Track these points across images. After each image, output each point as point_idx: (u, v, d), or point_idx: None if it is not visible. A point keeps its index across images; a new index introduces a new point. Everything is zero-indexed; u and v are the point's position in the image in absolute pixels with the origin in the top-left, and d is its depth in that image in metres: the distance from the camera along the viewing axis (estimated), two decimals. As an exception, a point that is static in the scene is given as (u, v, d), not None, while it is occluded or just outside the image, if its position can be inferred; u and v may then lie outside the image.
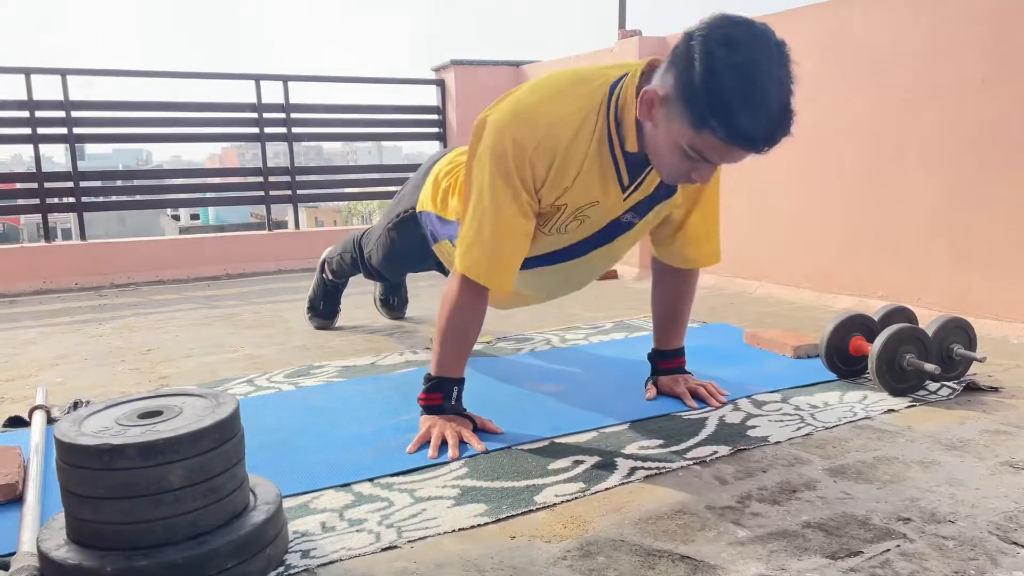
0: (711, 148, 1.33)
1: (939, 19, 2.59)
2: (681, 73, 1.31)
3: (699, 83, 1.28)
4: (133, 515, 1.04)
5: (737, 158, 1.36)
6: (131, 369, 2.33)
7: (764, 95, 1.26)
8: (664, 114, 1.37)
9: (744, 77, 1.26)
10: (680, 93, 1.32)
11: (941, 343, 1.91)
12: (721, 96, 1.26)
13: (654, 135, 1.42)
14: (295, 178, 4.57)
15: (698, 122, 1.30)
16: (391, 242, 2.25)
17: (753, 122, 1.26)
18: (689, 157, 1.37)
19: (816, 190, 3.08)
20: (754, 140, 1.29)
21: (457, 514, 1.30)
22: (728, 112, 1.26)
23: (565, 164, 1.50)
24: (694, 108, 1.29)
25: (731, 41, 1.27)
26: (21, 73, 3.89)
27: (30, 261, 3.93)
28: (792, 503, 1.32)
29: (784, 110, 1.29)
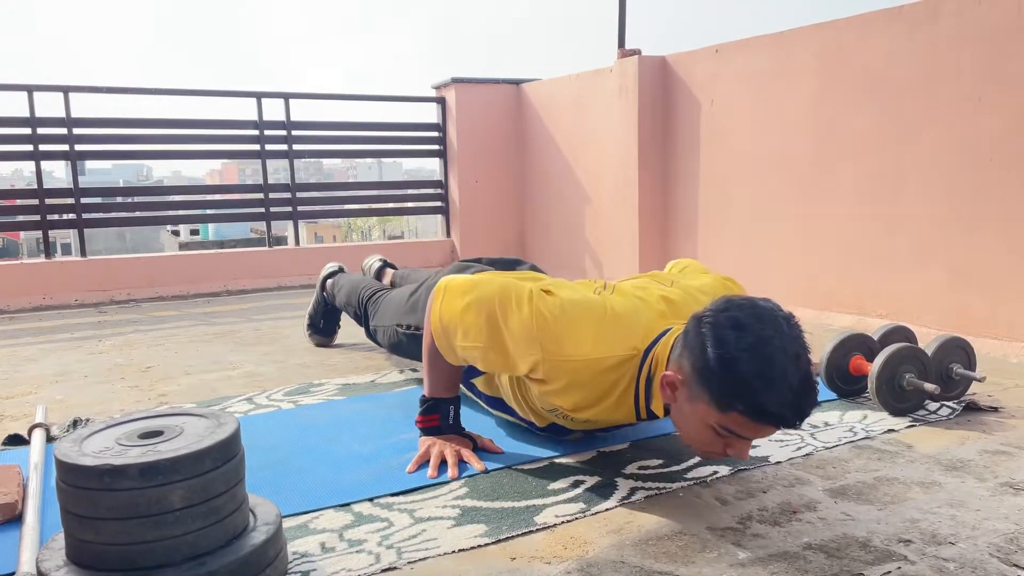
0: (741, 426, 1.28)
1: (935, 39, 2.61)
2: (697, 360, 1.29)
3: (716, 370, 1.25)
4: (134, 536, 1.03)
5: (770, 432, 1.31)
6: (131, 387, 2.33)
7: (783, 373, 1.23)
8: (687, 396, 1.33)
9: (759, 359, 1.23)
10: (699, 378, 1.29)
11: (941, 363, 1.91)
12: (740, 381, 1.24)
13: (680, 418, 1.37)
14: (296, 195, 4.59)
15: (723, 406, 1.27)
16: (399, 343, 2.18)
17: (778, 401, 1.23)
18: (720, 435, 1.32)
19: (815, 209, 3.09)
20: (783, 418, 1.25)
21: (457, 535, 1.30)
22: (751, 395, 1.23)
23: (584, 401, 1.49)
24: (716, 393, 1.27)
25: (739, 324, 1.26)
26: (24, 90, 3.91)
27: (30, 277, 3.93)
28: (793, 524, 1.32)
29: (806, 382, 1.26)
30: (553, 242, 4.68)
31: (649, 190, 3.81)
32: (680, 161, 3.72)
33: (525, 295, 1.47)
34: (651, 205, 3.82)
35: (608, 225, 4.10)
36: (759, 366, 1.23)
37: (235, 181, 10.64)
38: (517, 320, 1.45)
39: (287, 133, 4.50)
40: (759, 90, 3.28)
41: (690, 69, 3.63)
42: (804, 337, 1.30)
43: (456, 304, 1.52)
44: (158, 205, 4.63)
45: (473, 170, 4.90)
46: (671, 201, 3.81)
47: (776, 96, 3.21)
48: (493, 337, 1.47)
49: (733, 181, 3.46)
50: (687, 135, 3.67)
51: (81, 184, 4.08)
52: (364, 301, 2.41)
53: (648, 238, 3.84)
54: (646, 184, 3.80)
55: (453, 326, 1.52)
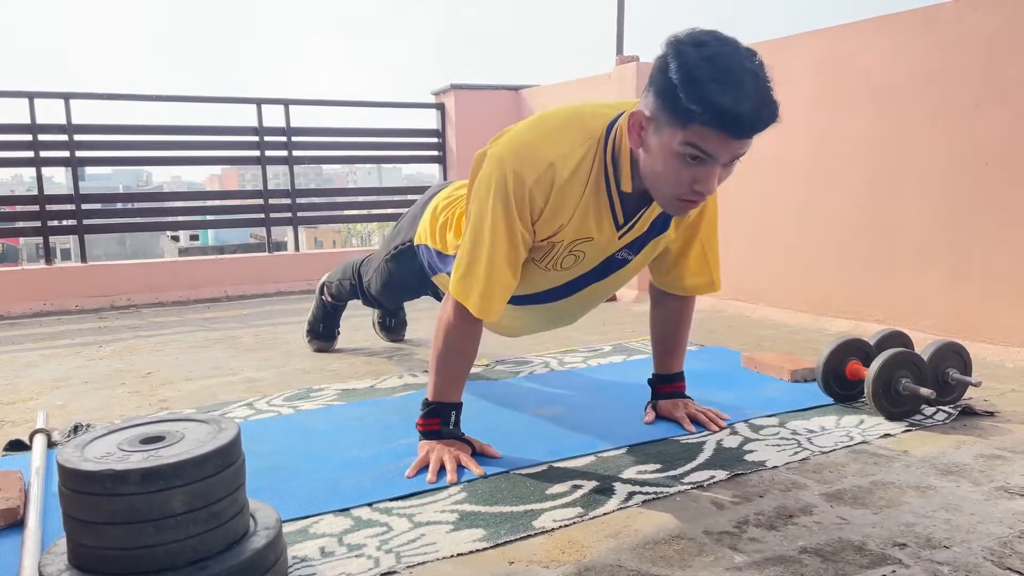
0: (703, 139, 1.32)
1: (933, 45, 2.63)
2: (659, 83, 1.34)
3: (676, 81, 1.30)
4: (135, 540, 1.04)
5: (733, 149, 1.35)
6: (131, 392, 2.34)
7: (740, 80, 1.29)
8: (653, 130, 1.39)
9: (718, 66, 1.29)
10: (662, 101, 1.34)
11: (937, 367, 1.92)
12: (699, 85, 1.28)
13: (648, 160, 1.42)
14: (296, 200, 4.61)
15: (683, 116, 1.31)
16: (389, 273, 2.28)
17: (734, 99, 1.27)
18: (687, 163, 1.35)
19: (813, 214, 3.10)
20: (739, 117, 1.28)
21: (456, 539, 1.31)
22: (708, 95, 1.27)
23: (562, 200, 1.52)
24: (677, 105, 1.31)
25: (700, 42, 1.32)
26: (25, 97, 3.93)
27: (30, 283, 3.95)
28: (789, 528, 1.33)
29: (764, 93, 1.31)
30: (552, 247, 4.69)
31: (647, 196, 3.82)
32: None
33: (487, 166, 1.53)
34: (649, 210, 3.83)
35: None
36: (716, 72, 1.28)
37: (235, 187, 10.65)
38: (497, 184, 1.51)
39: (287, 139, 4.52)
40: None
41: (688, 75, 3.64)
42: (765, 68, 1.34)
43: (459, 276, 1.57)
44: (159, 211, 4.64)
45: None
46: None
47: (773, 102, 3.22)
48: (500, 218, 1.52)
49: (731, 187, 3.46)
50: (685, 141, 3.68)
51: (81, 190, 4.09)
52: (356, 267, 2.51)
53: (647, 243, 3.85)
54: (644, 190, 3.81)
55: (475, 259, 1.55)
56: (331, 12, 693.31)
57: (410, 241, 2.13)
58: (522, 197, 1.51)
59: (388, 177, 48.13)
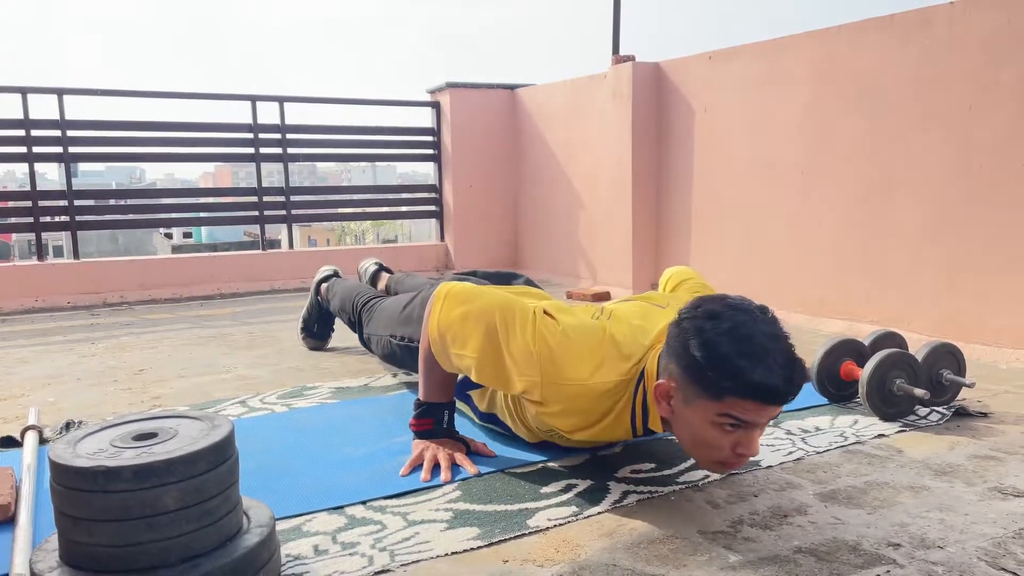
0: (739, 409, 1.28)
1: (927, 47, 2.63)
2: (682, 358, 1.32)
3: (701, 359, 1.28)
4: (127, 537, 1.04)
5: (768, 413, 1.30)
6: (123, 389, 2.33)
7: (764, 348, 1.26)
8: (682, 401, 1.34)
9: (739, 339, 1.27)
10: (688, 375, 1.31)
11: (931, 368, 1.92)
12: (726, 361, 1.26)
13: (683, 428, 1.37)
14: (290, 198, 4.59)
15: (716, 391, 1.28)
16: (393, 354, 2.17)
17: (766, 373, 1.25)
18: (726, 431, 1.31)
19: (807, 215, 3.11)
20: (775, 389, 1.26)
21: (450, 537, 1.31)
22: (739, 372, 1.25)
23: (580, 424, 1.50)
24: (707, 382, 1.28)
25: (714, 315, 1.30)
26: (18, 92, 3.91)
27: (22, 279, 3.93)
28: (783, 528, 1.33)
29: (791, 356, 1.29)
30: (547, 247, 4.69)
31: (643, 196, 3.82)
32: (674, 167, 3.74)
33: (529, 315, 1.48)
34: (645, 211, 3.84)
35: (602, 230, 4.11)
36: (740, 345, 1.27)
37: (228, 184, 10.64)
38: (519, 339, 1.45)
39: (282, 136, 4.51)
40: (752, 97, 3.30)
41: (684, 75, 3.65)
42: (780, 324, 1.33)
43: (455, 312, 1.53)
44: (152, 208, 4.62)
45: (467, 174, 4.91)
46: (665, 207, 3.82)
47: (769, 103, 3.23)
48: (491, 351, 1.47)
49: (726, 187, 3.48)
50: (681, 141, 3.69)
51: (74, 186, 4.07)
52: (358, 308, 2.40)
53: (641, 244, 3.85)
54: (640, 190, 3.81)
55: (451, 333, 1.52)
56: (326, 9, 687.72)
57: None
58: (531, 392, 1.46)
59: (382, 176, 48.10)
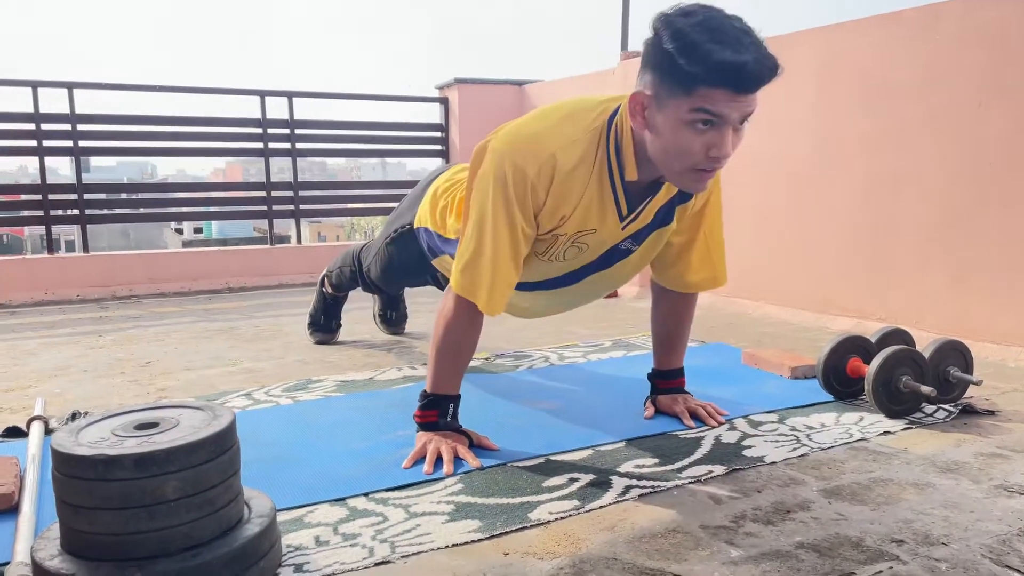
0: (711, 100, 1.31)
1: (935, 42, 2.61)
2: (655, 58, 1.35)
3: (673, 49, 1.30)
4: (127, 526, 1.04)
5: (742, 107, 1.33)
6: (130, 381, 2.34)
7: (736, 37, 1.29)
8: (656, 107, 1.37)
9: (709, 27, 1.29)
10: (661, 74, 1.34)
11: (938, 365, 1.91)
12: (697, 47, 1.28)
13: (657, 139, 1.40)
14: (298, 193, 4.60)
15: (687, 82, 1.30)
16: (389, 256, 2.28)
17: (735, 52, 1.27)
18: (698, 130, 1.33)
19: (814, 212, 3.09)
20: (743, 68, 1.28)
21: (451, 530, 1.30)
22: (709, 54, 1.27)
23: (565, 192, 1.51)
24: (677, 74, 1.31)
25: (687, 12, 1.34)
26: (28, 86, 3.93)
27: (32, 272, 3.95)
28: (786, 523, 1.32)
29: (760, 47, 1.31)
30: (554, 243, 4.68)
31: (650, 192, 3.81)
32: (682, 163, 3.72)
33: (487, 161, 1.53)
34: (652, 207, 3.82)
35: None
36: (711, 33, 1.29)
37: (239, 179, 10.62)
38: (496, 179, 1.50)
39: (290, 131, 4.51)
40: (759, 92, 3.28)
41: (692, 71, 3.63)
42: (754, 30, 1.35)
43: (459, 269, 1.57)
44: (162, 202, 4.63)
45: (475, 170, 4.89)
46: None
47: (776, 99, 3.21)
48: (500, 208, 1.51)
49: (733, 184, 3.45)
50: (689, 137, 3.66)
51: (85, 181, 4.09)
52: (356, 254, 2.52)
53: (649, 240, 3.84)
54: (647, 186, 3.80)
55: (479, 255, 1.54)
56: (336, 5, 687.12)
57: (410, 224, 2.13)
58: (523, 191, 1.50)
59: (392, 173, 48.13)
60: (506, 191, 1.50)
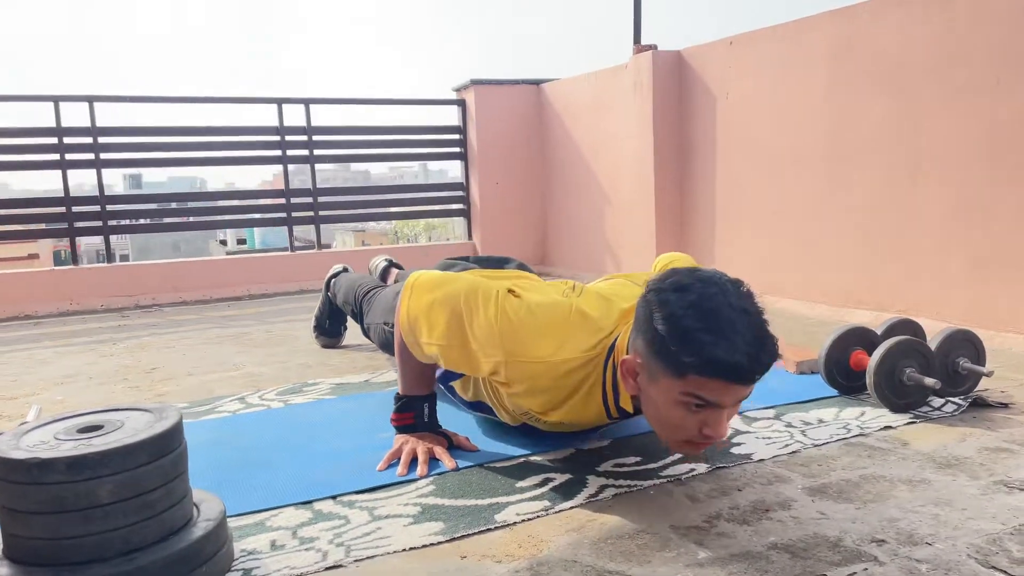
0: (703, 389, 1.22)
1: (951, 20, 2.50)
2: (646, 332, 1.26)
3: (664, 333, 1.21)
4: (62, 531, 1.02)
5: (737, 393, 1.23)
6: (131, 387, 2.35)
7: (730, 322, 1.19)
8: (648, 378, 1.28)
9: (704, 312, 1.20)
10: (652, 350, 1.25)
11: (946, 356, 1.82)
12: (688, 336, 1.19)
13: (650, 406, 1.32)
14: (317, 199, 4.62)
15: (679, 368, 1.21)
16: (387, 342, 2.13)
17: (729, 349, 1.17)
18: (691, 410, 1.25)
19: (830, 203, 2.99)
20: (738, 367, 1.18)
21: (412, 533, 1.27)
22: (702, 349, 1.18)
23: (550, 403, 1.47)
24: (669, 358, 1.22)
25: (681, 287, 1.24)
26: (50, 101, 4.00)
27: (57, 284, 4.02)
28: (762, 523, 1.26)
29: (758, 333, 1.21)
30: (574, 242, 4.63)
31: (665, 186, 3.73)
32: (697, 156, 3.65)
33: (492, 295, 1.44)
34: (668, 202, 3.75)
35: (626, 223, 4.04)
36: (704, 320, 1.19)
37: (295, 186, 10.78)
38: (482, 320, 1.42)
39: (308, 138, 4.54)
40: (773, 81, 3.19)
41: (705, 63, 3.55)
42: (755, 298, 1.25)
43: (423, 300, 1.49)
44: (186, 212, 4.71)
45: (494, 172, 4.87)
46: (688, 197, 3.73)
47: (790, 87, 3.12)
48: (456, 335, 1.44)
49: (749, 175, 3.38)
50: (703, 129, 3.59)
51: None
52: (360, 299, 2.40)
53: (665, 235, 3.76)
54: (662, 180, 3.73)
55: (419, 322, 1.49)
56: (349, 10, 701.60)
57: None
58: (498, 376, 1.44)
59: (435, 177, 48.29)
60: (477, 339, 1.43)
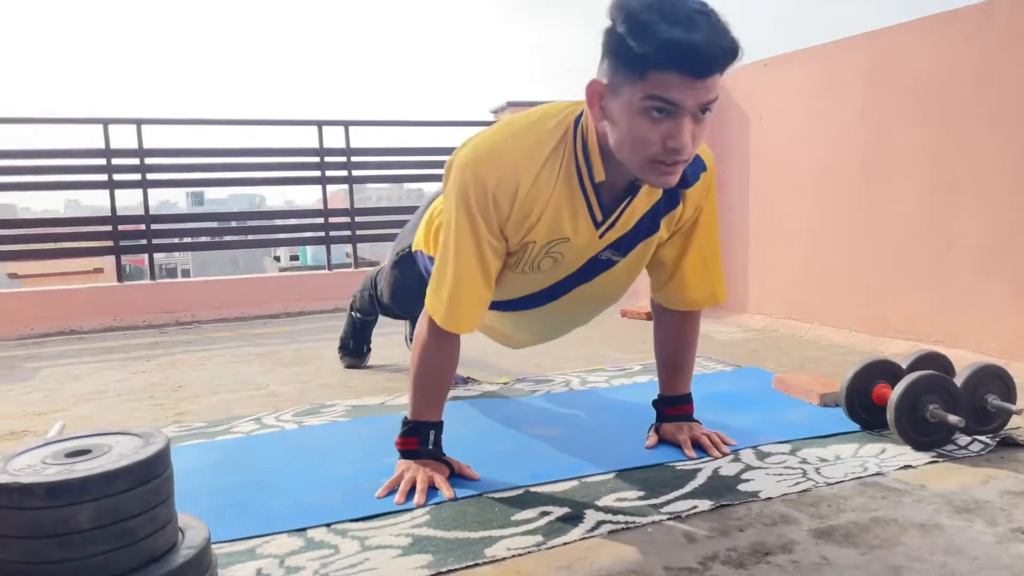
0: (663, 86, 1.22)
1: (989, 43, 2.42)
2: (609, 43, 1.28)
3: (624, 31, 1.23)
4: (40, 555, 1.03)
5: (698, 94, 1.23)
6: (155, 405, 2.39)
7: (690, 16, 1.20)
8: (612, 95, 1.30)
9: (661, 6, 1.21)
10: (615, 59, 1.26)
11: (973, 393, 1.74)
12: (647, 27, 1.20)
13: (614, 130, 1.32)
14: (354, 219, 4.67)
15: (638, 66, 1.22)
16: (394, 280, 2.27)
17: (684, 30, 1.19)
18: (653, 118, 1.26)
19: (866, 227, 2.90)
20: (694, 49, 1.19)
21: (399, 565, 1.25)
22: (658, 34, 1.19)
23: (530, 199, 1.45)
24: (629, 56, 1.23)
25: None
26: (100, 123, 4.14)
27: (102, 300, 4.13)
28: (759, 567, 1.21)
29: (718, 25, 1.22)
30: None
31: (700, 210, 3.68)
32: (730, 178, 3.58)
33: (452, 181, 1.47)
34: (702, 225, 3.69)
35: (662, 246, 3.99)
36: (663, 12, 1.21)
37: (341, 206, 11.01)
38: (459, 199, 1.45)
39: (347, 159, 4.60)
40: (808, 103, 3.13)
41: (740, 84, 3.50)
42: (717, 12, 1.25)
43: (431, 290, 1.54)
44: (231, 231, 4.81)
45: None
46: (722, 215, 3.65)
47: (825, 109, 3.05)
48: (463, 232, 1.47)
49: (783, 197, 3.30)
50: (737, 152, 3.53)
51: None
52: (373, 277, 2.53)
53: (700, 259, 3.70)
54: (697, 203, 3.67)
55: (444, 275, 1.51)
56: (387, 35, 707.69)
57: (409, 247, 2.12)
58: (485, 203, 1.44)
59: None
60: (468, 205, 1.45)
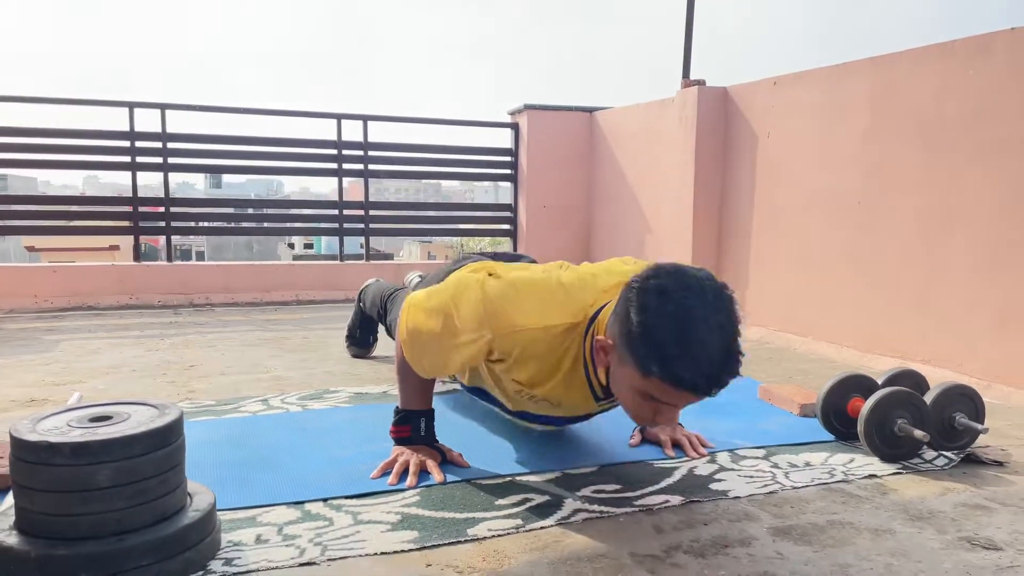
0: (661, 392, 1.32)
1: (988, 75, 2.50)
2: (622, 324, 1.34)
3: (637, 335, 1.30)
4: (62, 508, 1.15)
5: (691, 400, 1.34)
6: (168, 382, 2.51)
7: (701, 342, 1.26)
8: (616, 360, 1.38)
9: (678, 327, 1.27)
10: (624, 342, 1.33)
11: (942, 411, 1.83)
12: (658, 347, 1.27)
13: (613, 379, 1.43)
14: (369, 212, 4.79)
15: (644, 371, 1.30)
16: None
17: (693, 369, 1.26)
18: (648, 399, 1.36)
19: (863, 247, 2.99)
20: (696, 386, 1.28)
21: (387, 539, 1.36)
22: (667, 361, 1.27)
23: (538, 375, 1.55)
24: (637, 357, 1.31)
25: (663, 291, 1.29)
26: (125, 107, 4.26)
27: (121, 278, 4.26)
28: (717, 558, 1.31)
29: (726, 353, 1.28)
30: (616, 269, 4.67)
31: (703, 220, 3.77)
32: (736, 192, 3.67)
33: (473, 284, 1.55)
34: (705, 235, 3.78)
35: (664, 251, 4.07)
36: (677, 334, 1.27)
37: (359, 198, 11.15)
38: (468, 307, 1.53)
39: (364, 153, 4.71)
40: (813, 123, 3.21)
41: (749, 101, 3.59)
42: (734, 309, 1.31)
43: (420, 316, 1.60)
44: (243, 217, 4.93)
45: (542, 194, 4.97)
46: (726, 228, 3.75)
47: (828, 130, 3.14)
48: (449, 330, 1.55)
49: (785, 213, 3.39)
50: (743, 167, 3.62)
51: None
52: (385, 299, 2.58)
53: (701, 264, 3.78)
54: (700, 214, 3.76)
55: (419, 336, 1.59)
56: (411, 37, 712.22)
57: None
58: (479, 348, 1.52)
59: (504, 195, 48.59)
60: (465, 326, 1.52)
